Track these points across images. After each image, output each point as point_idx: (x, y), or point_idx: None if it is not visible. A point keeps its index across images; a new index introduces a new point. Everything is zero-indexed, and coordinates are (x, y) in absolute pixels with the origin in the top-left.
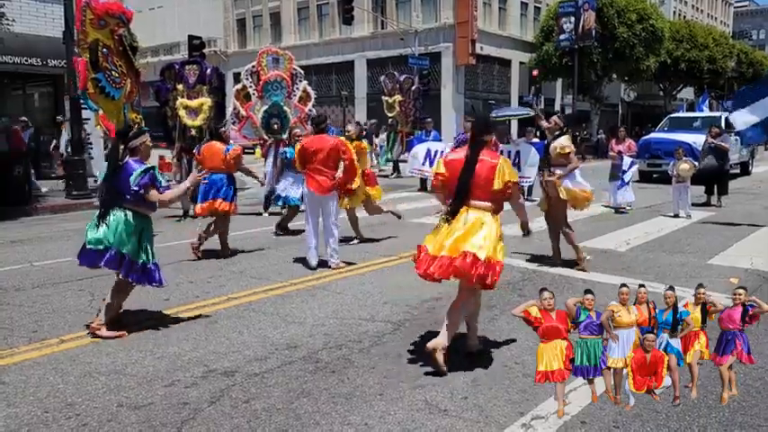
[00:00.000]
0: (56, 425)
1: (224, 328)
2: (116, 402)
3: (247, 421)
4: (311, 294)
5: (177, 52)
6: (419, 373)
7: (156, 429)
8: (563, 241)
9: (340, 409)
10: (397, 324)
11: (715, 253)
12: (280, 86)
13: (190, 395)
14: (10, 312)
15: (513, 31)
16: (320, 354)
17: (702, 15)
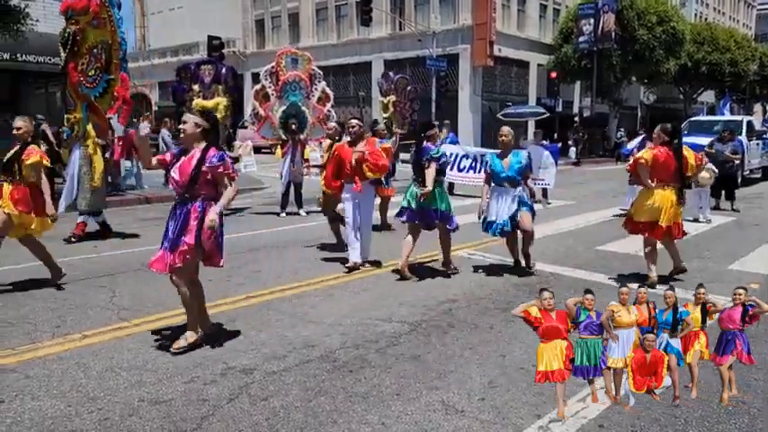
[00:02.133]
0: (78, 419)
1: (242, 326)
2: (137, 397)
3: (266, 419)
4: (328, 294)
5: (196, 52)
6: (436, 374)
7: (176, 425)
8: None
9: (357, 409)
10: (414, 325)
11: (735, 258)
12: (298, 87)
13: (209, 392)
14: (33, 307)
15: (531, 33)
16: (337, 353)
17: (724, 18)
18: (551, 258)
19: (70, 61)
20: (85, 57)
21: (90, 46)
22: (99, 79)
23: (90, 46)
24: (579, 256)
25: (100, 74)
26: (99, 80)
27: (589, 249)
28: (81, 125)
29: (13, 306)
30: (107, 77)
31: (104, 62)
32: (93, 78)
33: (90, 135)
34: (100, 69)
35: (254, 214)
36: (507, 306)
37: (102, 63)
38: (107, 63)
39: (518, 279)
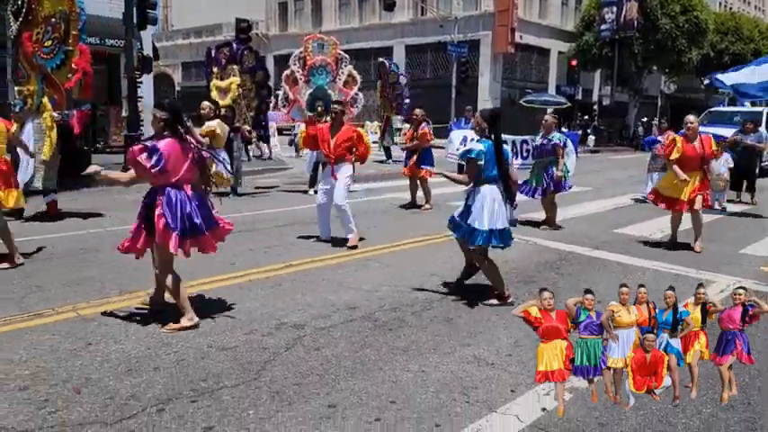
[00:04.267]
0: (159, 359)
1: (288, 290)
2: (206, 344)
3: (320, 364)
4: (362, 265)
5: (219, 34)
6: (467, 334)
7: (243, 367)
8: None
9: (399, 359)
10: (445, 294)
11: (748, 243)
12: (325, 71)
13: (267, 342)
14: (97, 269)
15: (553, 21)
16: (377, 314)
17: (750, 7)
18: (569, 239)
19: (24, 31)
20: (41, 26)
21: (46, 15)
22: (56, 50)
23: (46, 15)
24: (595, 237)
25: (58, 44)
26: (56, 51)
27: (606, 232)
28: (35, 98)
29: (77, 269)
30: (65, 49)
31: (63, 32)
32: (49, 49)
33: (46, 108)
34: (58, 40)
35: (282, 192)
36: (528, 279)
37: (60, 33)
38: (65, 34)
39: (538, 257)
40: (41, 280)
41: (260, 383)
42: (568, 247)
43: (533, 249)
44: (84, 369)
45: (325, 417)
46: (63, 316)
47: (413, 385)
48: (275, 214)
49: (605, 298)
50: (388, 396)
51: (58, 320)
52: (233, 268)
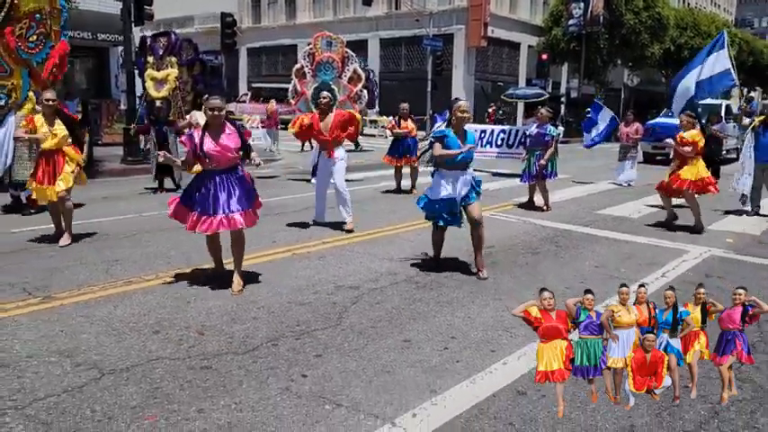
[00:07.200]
0: (252, 311)
1: (332, 261)
2: (285, 301)
3: (386, 313)
4: (390, 241)
5: (191, 26)
6: (494, 292)
7: (324, 316)
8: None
9: (446, 309)
10: (466, 263)
11: (714, 221)
12: (331, 67)
13: (334, 298)
14: (156, 246)
15: (523, 15)
16: (416, 278)
17: (706, 3)
18: (562, 219)
19: (6, 26)
20: (24, 21)
21: (29, 11)
22: (42, 45)
23: (29, 11)
24: (583, 217)
25: (43, 39)
26: (42, 46)
27: (590, 213)
28: (20, 92)
29: (140, 246)
30: (51, 44)
31: (49, 28)
32: (34, 44)
33: (32, 101)
34: (43, 35)
35: (288, 180)
36: (534, 251)
37: (46, 29)
38: (50, 29)
39: (538, 233)
40: (116, 255)
41: (343, 327)
42: (562, 225)
43: (533, 228)
44: (196, 318)
45: (405, 347)
46: (151, 283)
47: (464, 326)
48: (298, 199)
49: (603, 264)
50: (448, 333)
51: (151, 285)
52: (275, 245)
